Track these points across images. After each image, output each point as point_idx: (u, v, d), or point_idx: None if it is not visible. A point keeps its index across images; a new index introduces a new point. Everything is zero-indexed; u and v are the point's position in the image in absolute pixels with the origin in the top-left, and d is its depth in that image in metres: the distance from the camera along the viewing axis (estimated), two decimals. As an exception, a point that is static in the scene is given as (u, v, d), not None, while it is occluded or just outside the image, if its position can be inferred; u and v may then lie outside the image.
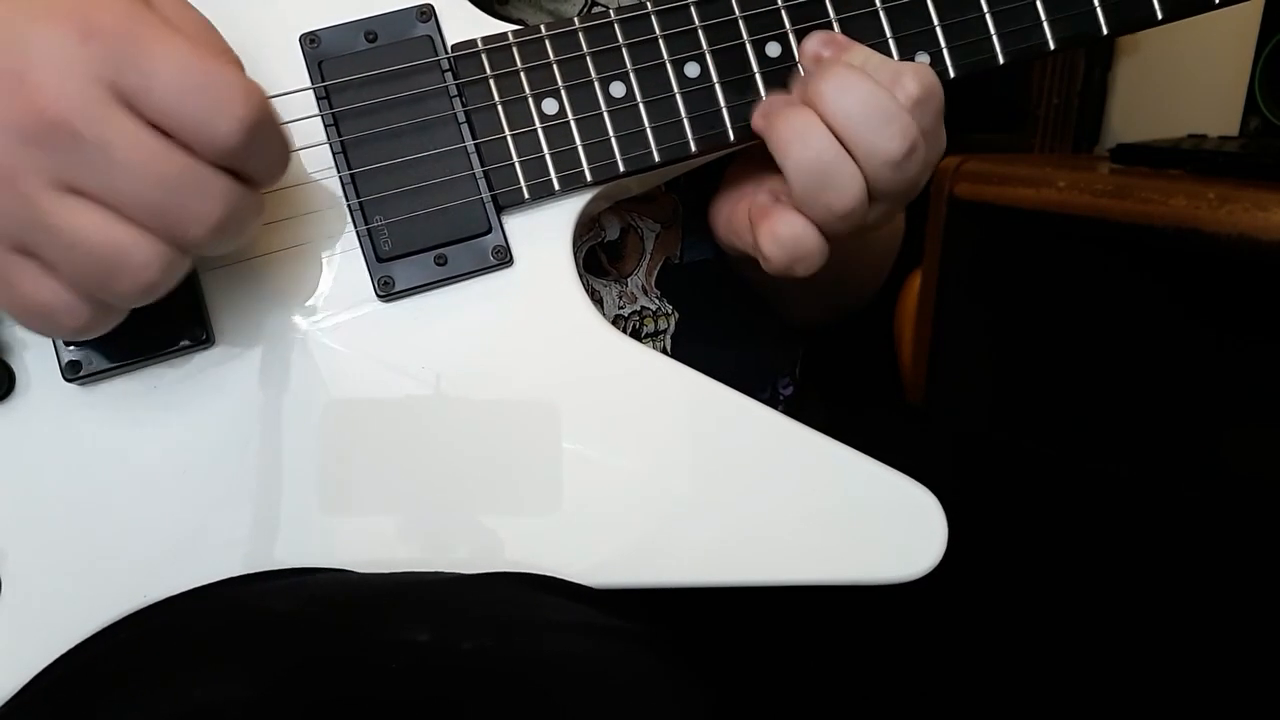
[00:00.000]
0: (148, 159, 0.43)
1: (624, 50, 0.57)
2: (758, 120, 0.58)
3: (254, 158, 0.46)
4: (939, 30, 0.58)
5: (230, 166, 0.45)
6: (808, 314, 0.84)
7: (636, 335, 0.69)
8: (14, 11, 0.43)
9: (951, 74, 0.59)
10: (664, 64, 0.58)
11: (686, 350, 0.72)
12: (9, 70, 0.42)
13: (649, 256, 0.71)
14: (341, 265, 0.56)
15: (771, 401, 0.78)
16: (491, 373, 0.57)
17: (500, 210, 0.57)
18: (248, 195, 0.46)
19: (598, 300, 0.68)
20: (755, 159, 0.60)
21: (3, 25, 0.43)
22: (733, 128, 0.58)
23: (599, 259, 0.69)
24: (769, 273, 0.59)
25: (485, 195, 0.57)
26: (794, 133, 0.55)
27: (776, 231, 0.58)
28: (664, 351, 0.71)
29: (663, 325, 0.71)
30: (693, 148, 0.58)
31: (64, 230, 0.43)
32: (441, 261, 0.56)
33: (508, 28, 0.57)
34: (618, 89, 0.58)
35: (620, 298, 0.69)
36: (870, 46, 0.58)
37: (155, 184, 0.43)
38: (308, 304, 0.56)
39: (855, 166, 0.55)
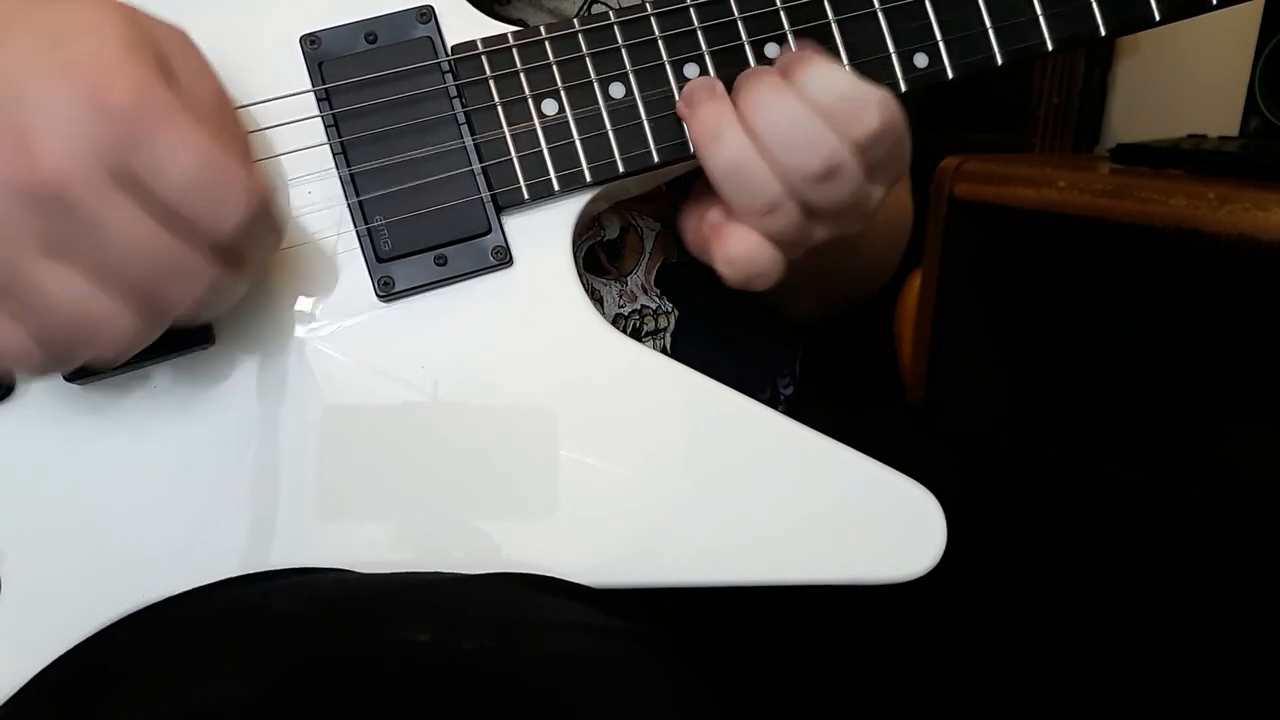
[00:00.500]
0: (139, 241, 0.43)
1: (623, 51, 0.58)
2: (681, 106, 0.58)
3: (247, 247, 0.47)
4: (937, 29, 0.58)
5: (221, 253, 0.46)
6: (807, 311, 0.84)
7: (636, 334, 0.69)
8: (28, 63, 0.42)
9: (950, 74, 0.59)
10: (663, 65, 0.58)
11: (686, 349, 0.72)
12: (14, 125, 0.42)
13: (648, 255, 0.71)
14: (342, 265, 0.56)
15: (773, 400, 0.78)
16: (491, 373, 0.57)
17: (500, 210, 0.57)
18: (234, 278, 0.47)
19: (598, 299, 0.68)
20: None
21: (12, 77, 0.42)
22: (731, 128, 0.58)
23: (598, 258, 0.69)
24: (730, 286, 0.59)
25: (485, 195, 0.57)
26: (709, 131, 0.56)
27: (729, 251, 0.58)
28: (664, 350, 0.71)
29: (663, 324, 0.71)
30: (691, 148, 0.58)
31: (45, 293, 0.43)
32: (441, 262, 0.56)
33: (507, 29, 0.57)
34: (617, 90, 0.58)
35: (620, 297, 0.69)
36: (869, 46, 0.58)
37: (144, 265, 0.43)
38: (308, 304, 0.56)
39: (770, 174, 0.55)
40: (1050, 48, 0.59)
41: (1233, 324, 1.23)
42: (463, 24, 0.57)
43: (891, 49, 0.58)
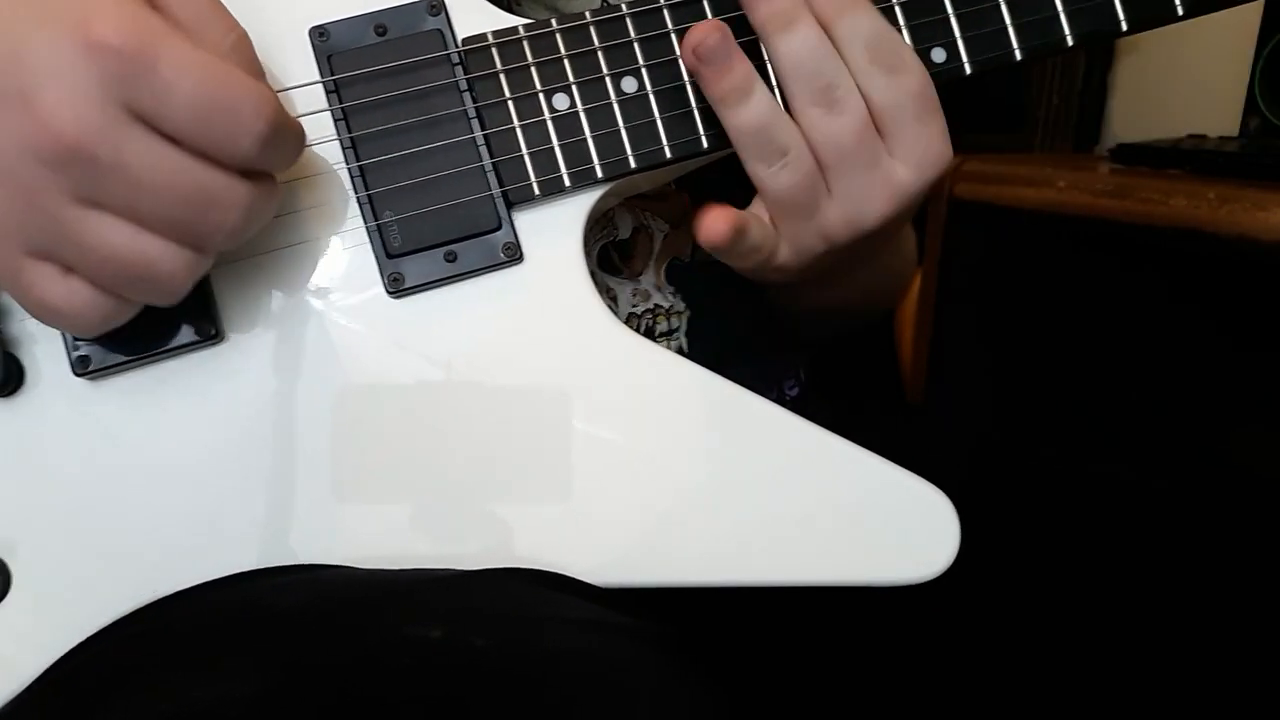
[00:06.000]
0: (167, 177, 0.43)
1: (636, 45, 0.57)
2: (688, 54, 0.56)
3: (271, 159, 0.46)
4: (955, 24, 0.58)
5: (248, 170, 0.46)
6: (813, 334, 0.83)
7: (650, 333, 0.69)
8: (12, 17, 0.42)
9: (968, 70, 0.58)
10: (677, 59, 0.57)
11: (695, 348, 0.71)
12: (15, 90, 0.41)
13: (655, 255, 0.71)
14: (351, 261, 0.56)
15: (778, 402, 0.78)
16: (500, 369, 0.56)
17: (510, 206, 0.57)
18: (265, 192, 0.47)
19: (612, 298, 0.68)
20: None
21: (2, 35, 0.42)
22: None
23: (610, 258, 0.69)
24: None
25: (495, 191, 0.56)
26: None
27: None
28: (680, 350, 0.71)
29: (675, 324, 0.71)
30: (704, 143, 0.58)
31: (92, 245, 0.43)
32: (451, 258, 0.56)
33: (519, 21, 0.57)
34: (629, 84, 0.57)
35: (634, 296, 0.69)
36: None
37: (176, 200, 0.43)
38: (317, 300, 0.55)
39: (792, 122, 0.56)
40: (1071, 43, 0.58)
41: (1233, 324, 1.23)
42: (473, 16, 0.57)
43: (909, 43, 0.58)
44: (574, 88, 0.57)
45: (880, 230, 0.59)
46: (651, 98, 0.57)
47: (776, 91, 0.57)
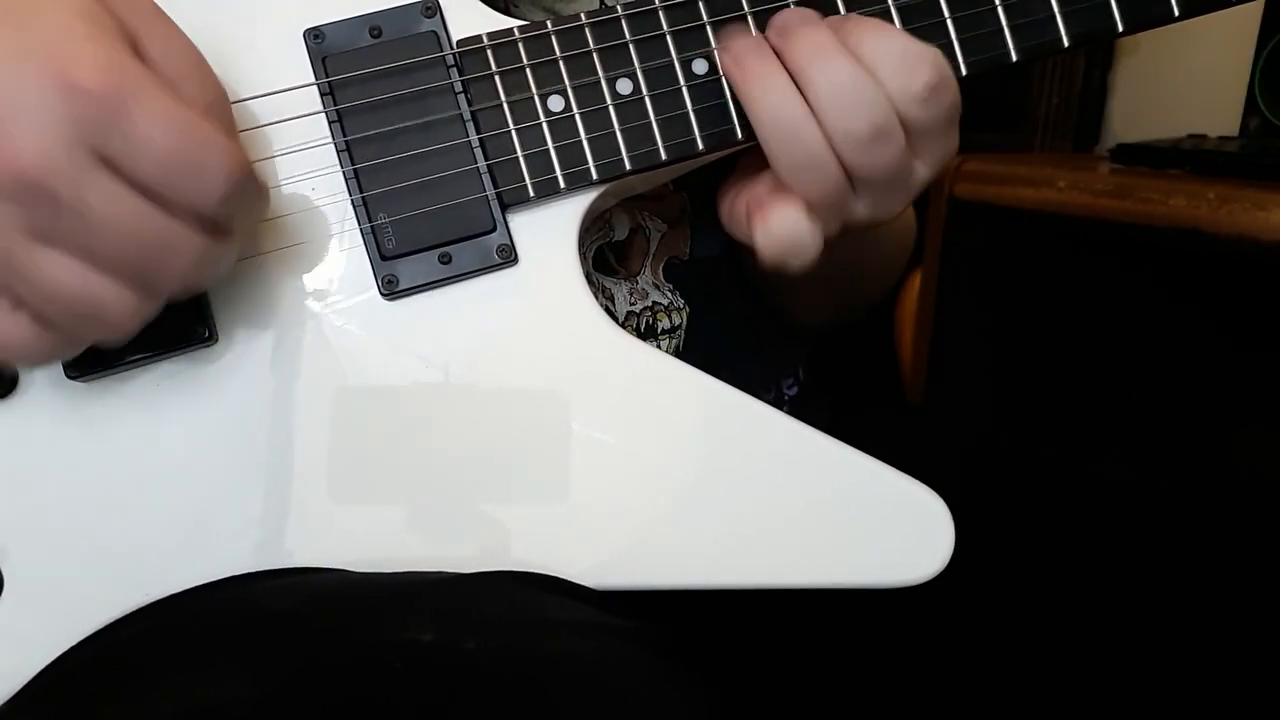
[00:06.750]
0: (126, 221, 0.43)
1: (631, 47, 0.57)
2: (727, 62, 0.56)
3: (232, 216, 0.46)
4: (951, 27, 0.58)
5: (208, 223, 0.45)
6: (815, 315, 0.83)
7: (650, 332, 0.69)
8: None
9: (964, 70, 0.58)
10: (671, 60, 0.57)
11: (693, 348, 0.71)
12: None
13: (652, 255, 0.71)
14: (345, 263, 0.56)
15: (776, 401, 0.78)
16: (495, 371, 0.56)
17: (505, 208, 0.56)
18: (221, 244, 0.47)
19: (609, 297, 0.68)
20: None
21: None
22: (741, 125, 0.57)
23: (606, 259, 0.69)
24: (765, 266, 0.58)
25: (490, 193, 0.56)
26: (758, 86, 0.54)
27: (770, 224, 0.56)
28: (678, 349, 0.71)
29: (676, 321, 0.70)
30: (700, 145, 0.58)
31: (41, 281, 0.43)
32: (446, 260, 0.56)
33: (513, 23, 0.57)
34: (624, 86, 0.57)
35: (631, 294, 0.69)
36: None
37: (132, 244, 0.43)
38: (311, 303, 0.55)
39: (818, 132, 0.54)
40: (1067, 44, 0.58)
41: (1233, 324, 1.23)
42: (468, 18, 0.57)
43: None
44: (569, 90, 0.57)
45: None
46: (647, 100, 0.57)
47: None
